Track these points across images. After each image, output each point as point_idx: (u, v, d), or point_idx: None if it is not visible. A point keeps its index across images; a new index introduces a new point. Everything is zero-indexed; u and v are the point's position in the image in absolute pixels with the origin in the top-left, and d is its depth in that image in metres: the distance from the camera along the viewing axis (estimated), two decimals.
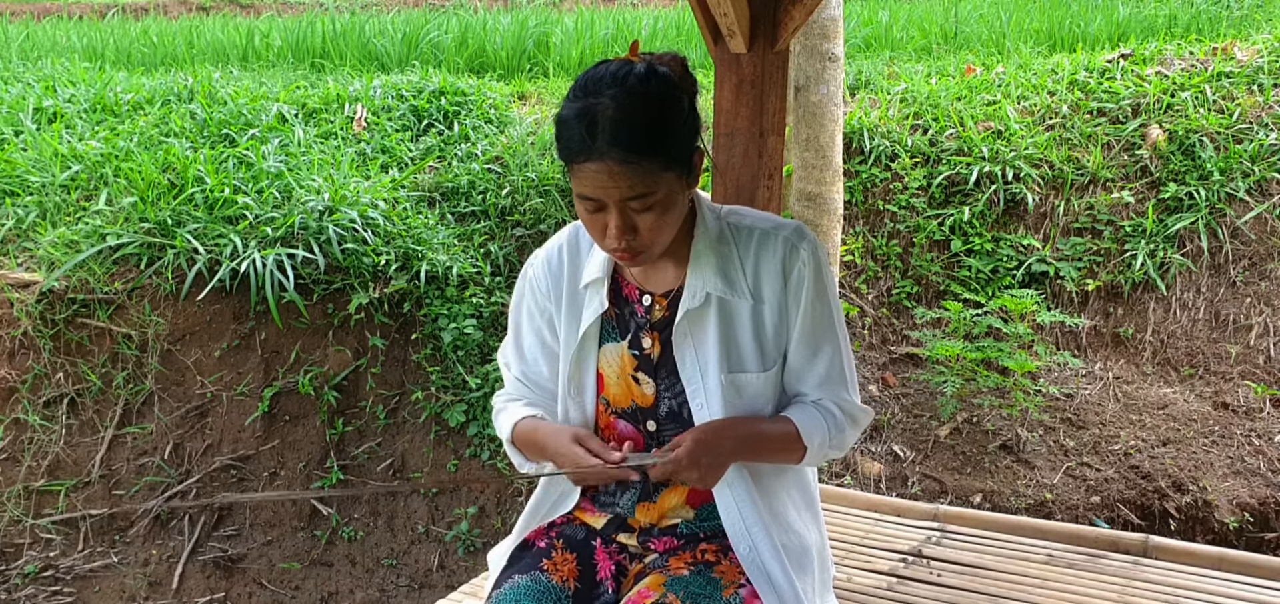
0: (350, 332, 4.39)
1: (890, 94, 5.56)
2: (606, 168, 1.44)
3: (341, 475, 4.26)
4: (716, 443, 1.56)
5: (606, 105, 1.44)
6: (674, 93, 1.50)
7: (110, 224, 4.43)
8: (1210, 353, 4.43)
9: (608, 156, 1.43)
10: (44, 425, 4.16)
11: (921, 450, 4.18)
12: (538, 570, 1.65)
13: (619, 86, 1.45)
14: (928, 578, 2.65)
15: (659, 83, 1.48)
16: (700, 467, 1.54)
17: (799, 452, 1.62)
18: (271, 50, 7.87)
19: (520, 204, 4.92)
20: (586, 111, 1.45)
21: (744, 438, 1.60)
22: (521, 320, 1.78)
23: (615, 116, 1.43)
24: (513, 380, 1.80)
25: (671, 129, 1.48)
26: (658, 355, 1.65)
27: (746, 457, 1.62)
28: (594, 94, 1.46)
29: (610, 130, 1.43)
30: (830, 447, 1.64)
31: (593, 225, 1.53)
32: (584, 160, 1.45)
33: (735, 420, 1.60)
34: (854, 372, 1.70)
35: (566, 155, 1.48)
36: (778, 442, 1.62)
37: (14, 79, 6.60)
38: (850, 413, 1.66)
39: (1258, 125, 4.84)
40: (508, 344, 1.81)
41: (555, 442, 1.63)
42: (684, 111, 1.51)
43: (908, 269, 4.87)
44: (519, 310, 1.78)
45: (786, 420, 1.62)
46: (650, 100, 1.46)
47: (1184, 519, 3.82)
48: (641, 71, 1.48)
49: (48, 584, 3.96)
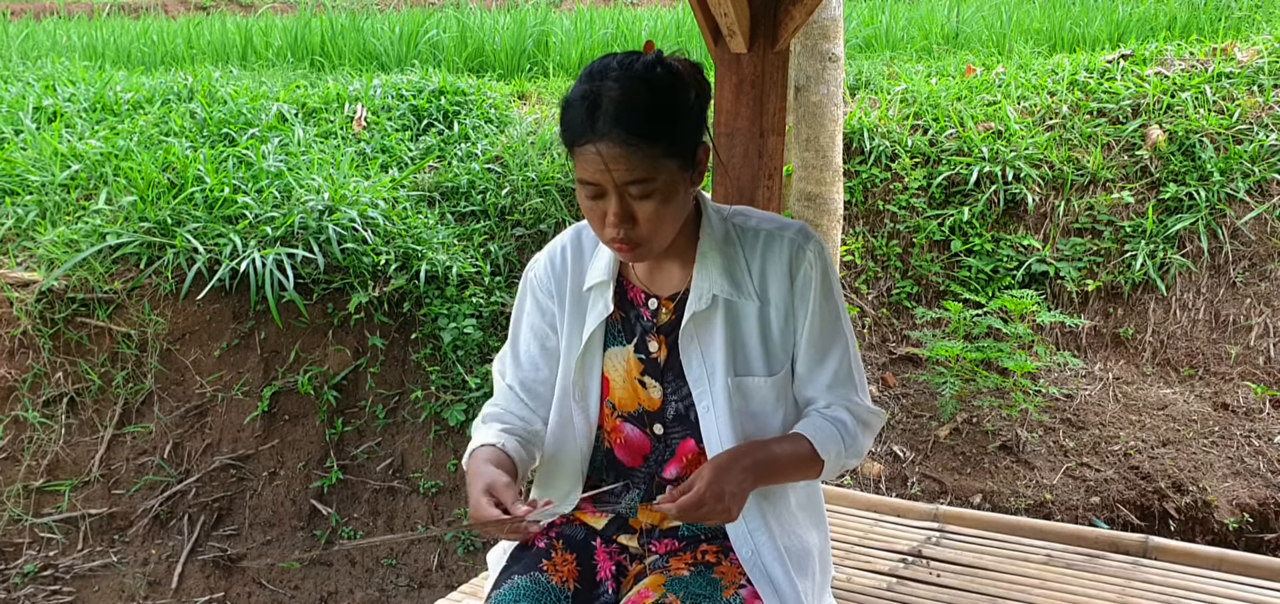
0: (350, 331, 4.39)
1: (890, 94, 5.56)
2: (607, 150, 1.43)
3: (341, 475, 4.26)
4: (733, 474, 1.50)
5: (611, 87, 1.44)
6: (681, 82, 1.49)
7: (110, 223, 4.43)
8: (1210, 353, 4.43)
9: (608, 138, 1.43)
10: (43, 424, 4.16)
11: (921, 451, 4.18)
12: (537, 571, 1.64)
13: (626, 71, 1.46)
14: (927, 578, 2.65)
15: (665, 71, 1.48)
16: (722, 500, 1.48)
17: (816, 467, 1.59)
18: (271, 49, 7.87)
19: (520, 204, 4.92)
20: (590, 93, 1.45)
21: (760, 463, 1.55)
22: (522, 322, 1.75)
23: (618, 98, 1.43)
24: (504, 389, 1.76)
25: (674, 117, 1.47)
26: (664, 359, 1.64)
27: (764, 482, 1.57)
28: (600, 78, 1.46)
29: (613, 111, 1.43)
30: (847, 456, 1.61)
31: (592, 213, 1.52)
32: (585, 142, 1.45)
33: (750, 446, 1.56)
34: (862, 372, 1.68)
35: (569, 138, 1.48)
36: (794, 462, 1.58)
37: (14, 78, 6.60)
38: (862, 418, 1.64)
39: (1258, 126, 4.84)
40: (505, 351, 1.78)
41: (473, 490, 1.55)
42: (690, 102, 1.50)
43: (908, 269, 4.87)
44: (520, 312, 1.76)
45: (800, 438, 1.58)
46: (655, 86, 1.46)
47: (1184, 520, 3.82)
48: (649, 60, 1.48)
49: (47, 583, 3.96)
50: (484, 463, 1.59)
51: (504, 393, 1.75)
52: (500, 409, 1.73)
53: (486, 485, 1.52)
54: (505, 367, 1.77)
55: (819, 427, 1.60)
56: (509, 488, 1.53)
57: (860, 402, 1.65)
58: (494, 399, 1.77)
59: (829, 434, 1.59)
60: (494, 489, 1.52)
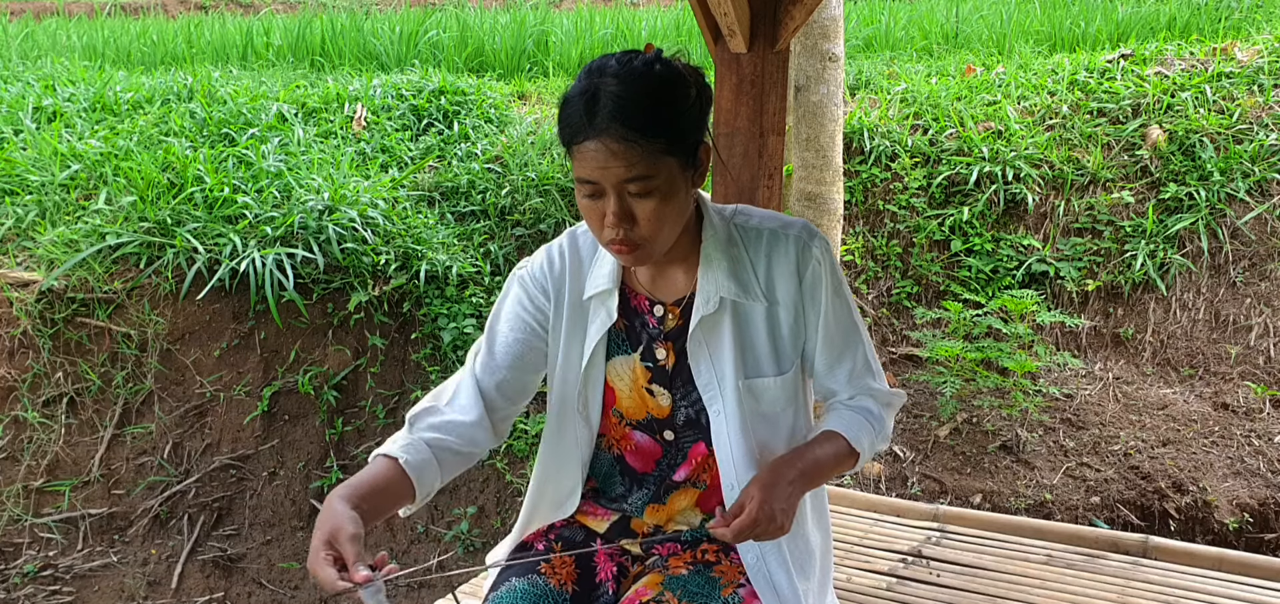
0: (350, 331, 4.38)
1: (890, 94, 5.56)
2: (605, 146, 1.41)
3: (341, 475, 4.26)
4: (781, 489, 1.49)
5: (609, 83, 1.42)
6: (681, 80, 1.47)
7: (110, 223, 4.43)
8: (1210, 353, 4.43)
9: (607, 134, 1.40)
10: (43, 424, 4.16)
11: (921, 450, 4.18)
12: (535, 573, 1.63)
13: (624, 68, 1.44)
14: (927, 578, 2.65)
15: (665, 68, 1.46)
16: (775, 519, 1.46)
17: (853, 460, 1.60)
18: (271, 49, 7.87)
19: (520, 204, 4.92)
20: (589, 90, 1.43)
21: (804, 473, 1.54)
22: (502, 313, 1.67)
23: (617, 93, 1.41)
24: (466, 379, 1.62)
25: (674, 112, 1.45)
26: (673, 366, 1.62)
27: (810, 487, 1.57)
28: (598, 75, 1.44)
29: (611, 106, 1.40)
30: (878, 442, 1.63)
31: (591, 214, 1.49)
32: (583, 139, 1.42)
33: (792, 456, 1.56)
34: (877, 359, 1.69)
35: (567, 135, 1.45)
36: (834, 460, 1.59)
37: (14, 78, 6.59)
38: (885, 401, 1.65)
39: (1258, 126, 4.84)
40: (479, 341, 1.69)
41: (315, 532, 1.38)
42: (690, 99, 1.48)
43: (908, 269, 4.87)
44: (503, 302, 1.68)
45: (835, 436, 1.59)
46: (653, 82, 1.44)
47: (1183, 520, 3.81)
48: (649, 58, 1.46)
49: (47, 583, 3.96)
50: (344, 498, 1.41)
51: (463, 385, 1.62)
52: (441, 404, 1.60)
53: (330, 533, 1.34)
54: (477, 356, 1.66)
55: (850, 420, 1.61)
56: (353, 542, 1.33)
57: (881, 388, 1.66)
58: (446, 385, 1.63)
59: (860, 425, 1.61)
60: (336, 540, 1.34)
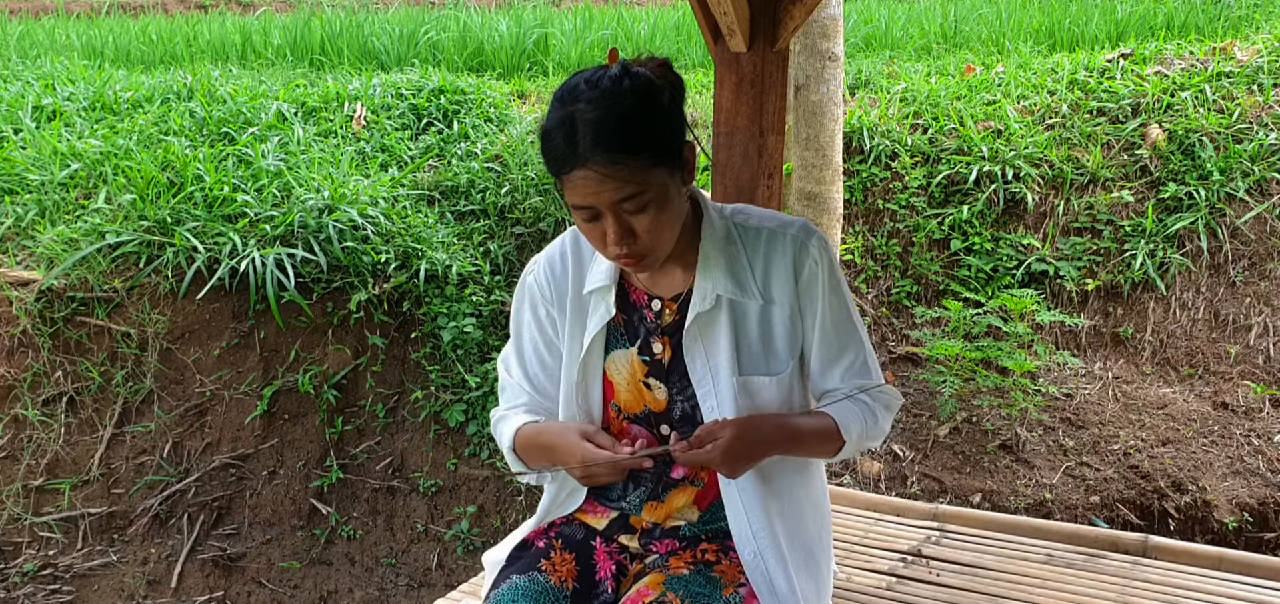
0: (350, 330, 4.38)
1: (890, 93, 5.56)
2: (593, 173, 1.43)
3: (341, 474, 4.26)
4: (756, 434, 1.55)
5: (584, 110, 1.43)
6: (652, 88, 1.47)
7: (109, 222, 4.43)
8: (1210, 353, 4.43)
9: (592, 161, 1.42)
10: (43, 423, 4.16)
11: (921, 450, 4.18)
12: (536, 571, 1.64)
13: (594, 90, 1.44)
14: (927, 578, 2.65)
15: (634, 81, 1.46)
16: (731, 454, 1.52)
17: (837, 444, 1.61)
18: (271, 48, 7.87)
19: (520, 203, 4.92)
20: (566, 120, 1.44)
21: (782, 429, 1.59)
22: (523, 326, 1.76)
23: (594, 119, 1.42)
24: (514, 385, 1.77)
25: (653, 124, 1.46)
26: (669, 360, 1.64)
27: (784, 449, 1.61)
28: (571, 102, 1.45)
29: (592, 133, 1.41)
30: (868, 436, 1.64)
31: (592, 235, 1.52)
32: (571, 169, 1.44)
33: (776, 415, 1.60)
34: (875, 358, 1.70)
35: (554, 168, 1.47)
36: (815, 435, 1.61)
37: (13, 77, 6.59)
38: (882, 400, 1.66)
39: (1258, 125, 4.84)
40: (509, 349, 1.79)
41: (563, 440, 1.61)
42: (664, 106, 1.48)
43: (907, 268, 4.87)
44: (520, 316, 1.76)
45: (823, 414, 1.62)
46: (627, 98, 1.44)
47: (1183, 519, 3.82)
48: (615, 73, 1.46)
49: (47, 582, 3.96)
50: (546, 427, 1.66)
51: (515, 387, 1.77)
52: (515, 399, 1.76)
53: (581, 431, 1.59)
54: (511, 365, 1.79)
55: (842, 406, 1.62)
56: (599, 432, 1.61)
57: (878, 387, 1.67)
58: (507, 395, 1.79)
59: (852, 413, 1.62)
60: (590, 435, 1.59)
